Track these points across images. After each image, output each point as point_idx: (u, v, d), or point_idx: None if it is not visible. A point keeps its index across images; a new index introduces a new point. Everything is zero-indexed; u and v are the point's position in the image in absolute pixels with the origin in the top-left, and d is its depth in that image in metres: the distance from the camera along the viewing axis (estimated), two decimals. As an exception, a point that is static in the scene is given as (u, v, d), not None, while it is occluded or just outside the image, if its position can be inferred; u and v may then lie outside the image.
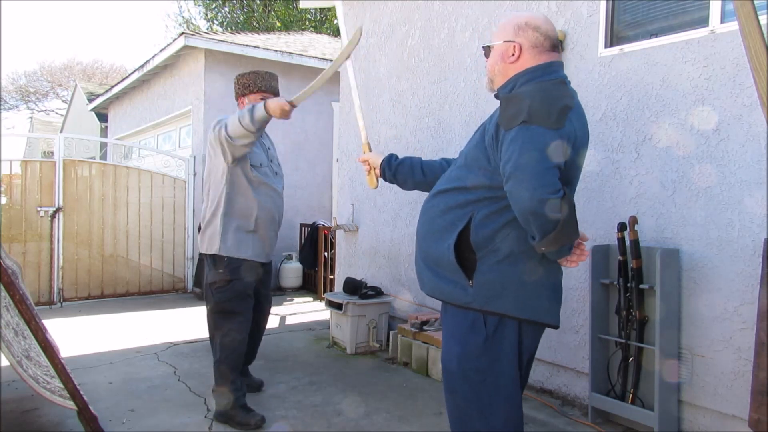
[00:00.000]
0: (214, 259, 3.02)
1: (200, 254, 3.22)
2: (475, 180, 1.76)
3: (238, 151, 2.90)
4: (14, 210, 6.13)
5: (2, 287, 2.32)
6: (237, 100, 3.22)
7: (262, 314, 3.39)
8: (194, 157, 7.29)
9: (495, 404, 1.78)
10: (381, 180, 2.35)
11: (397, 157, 2.27)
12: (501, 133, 1.68)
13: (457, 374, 1.81)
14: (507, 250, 1.72)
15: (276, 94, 3.19)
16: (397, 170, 2.23)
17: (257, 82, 3.13)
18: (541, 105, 1.64)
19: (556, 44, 1.84)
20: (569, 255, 1.75)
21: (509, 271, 1.73)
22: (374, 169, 2.32)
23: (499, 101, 1.80)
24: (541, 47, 1.80)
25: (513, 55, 1.82)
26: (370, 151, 2.40)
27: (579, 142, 1.71)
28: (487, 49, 1.90)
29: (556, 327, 1.84)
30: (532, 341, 1.84)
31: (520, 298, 1.74)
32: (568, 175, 1.71)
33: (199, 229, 3.24)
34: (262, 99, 3.01)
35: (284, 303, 6.55)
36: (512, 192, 1.62)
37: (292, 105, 2.77)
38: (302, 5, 6.62)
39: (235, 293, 3.01)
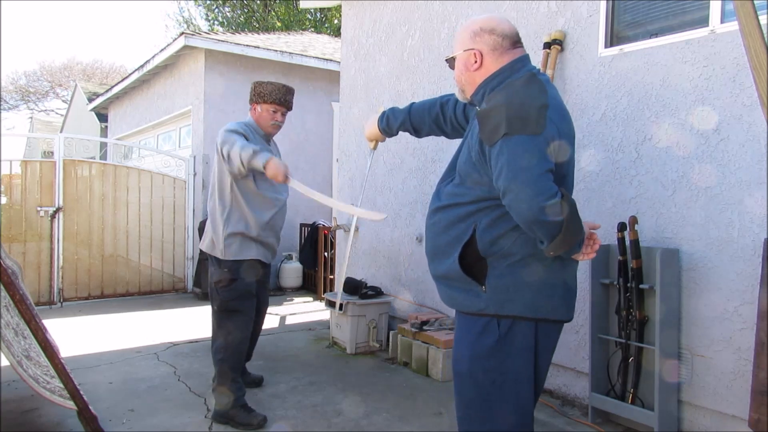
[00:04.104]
0: (218, 259, 3.07)
1: (202, 252, 3.25)
2: (473, 195, 1.76)
3: (232, 170, 2.98)
4: (14, 210, 6.13)
5: (2, 287, 2.32)
6: (250, 104, 3.26)
7: (260, 315, 3.45)
8: (194, 157, 7.29)
9: (504, 406, 1.77)
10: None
11: (387, 125, 2.36)
12: (486, 149, 1.67)
13: (467, 376, 1.81)
14: (519, 253, 1.72)
15: (289, 108, 3.28)
16: (397, 132, 2.39)
17: (273, 94, 3.18)
18: (517, 112, 1.62)
19: (517, 40, 1.82)
20: (582, 249, 1.74)
21: (522, 274, 1.73)
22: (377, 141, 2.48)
23: (476, 116, 1.77)
24: (501, 48, 1.79)
25: (475, 62, 1.80)
26: (375, 146, 2.53)
27: (563, 137, 1.67)
28: (451, 61, 1.89)
29: (569, 320, 1.84)
30: (551, 340, 1.83)
31: (534, 298, 1.73)
32: (560, 173, 1.69)
33: (200, 228, 3.27)
34: (275, 111, 3.18)
35: (284, 303, 6.54)
36: (511, 206, 1.62)
37: (287, 179, 2.84)
38: (302, 5, 6.63)
39: (238, 292, 3.05)
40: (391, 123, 2.32)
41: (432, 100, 2.27)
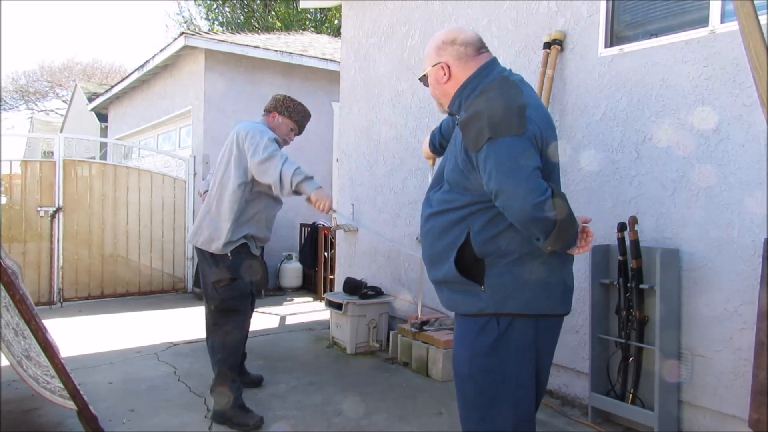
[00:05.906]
0: (215, 257, 3.04)
1: (197, 250, 3.16)
2: (464, 200, 1.78)
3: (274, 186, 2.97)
4: (14, 210, 6.13)
5: (2, 287, 2.32)
6: (269, 111, 3.22)
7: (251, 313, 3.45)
8: (194, 158, 7.29)
9: (505, 405, 1.77)
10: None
11: (432, 145, 2.35)
12: (472, 155, 1.69)
13: (467, 376, 1.82)
14: (516, 252, 1.73)
15: (301, 131, 3.32)
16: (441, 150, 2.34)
17: (299, 114, 3.23)
18: (498, 116, 1.65)
19: (481, 47, 1.86)
20: (577, 243, 1.76)
21: (521, 272, 1.74)
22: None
23: (457, 125, 1.80)
24: (466, 57, 1.83)
25: (444, 75, 1.86)
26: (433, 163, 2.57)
27: (545, 135, 1.71)
28: (424, 79, 1.95)
29: (568, 313, 1.86)
30: (552, 336, 1.85)
31: (534, 295, 1.75)
32: (545, 169, 1.71)
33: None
34: (291, 129, 3.22)
35: (284, 303, 6.55)
36: (504, 207, 1.65)
37: (331, 209, 2.96)
38: (302, 5, 6.63)
39: (239, 291, 3.05)
40: (434, 141, 2.35)
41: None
